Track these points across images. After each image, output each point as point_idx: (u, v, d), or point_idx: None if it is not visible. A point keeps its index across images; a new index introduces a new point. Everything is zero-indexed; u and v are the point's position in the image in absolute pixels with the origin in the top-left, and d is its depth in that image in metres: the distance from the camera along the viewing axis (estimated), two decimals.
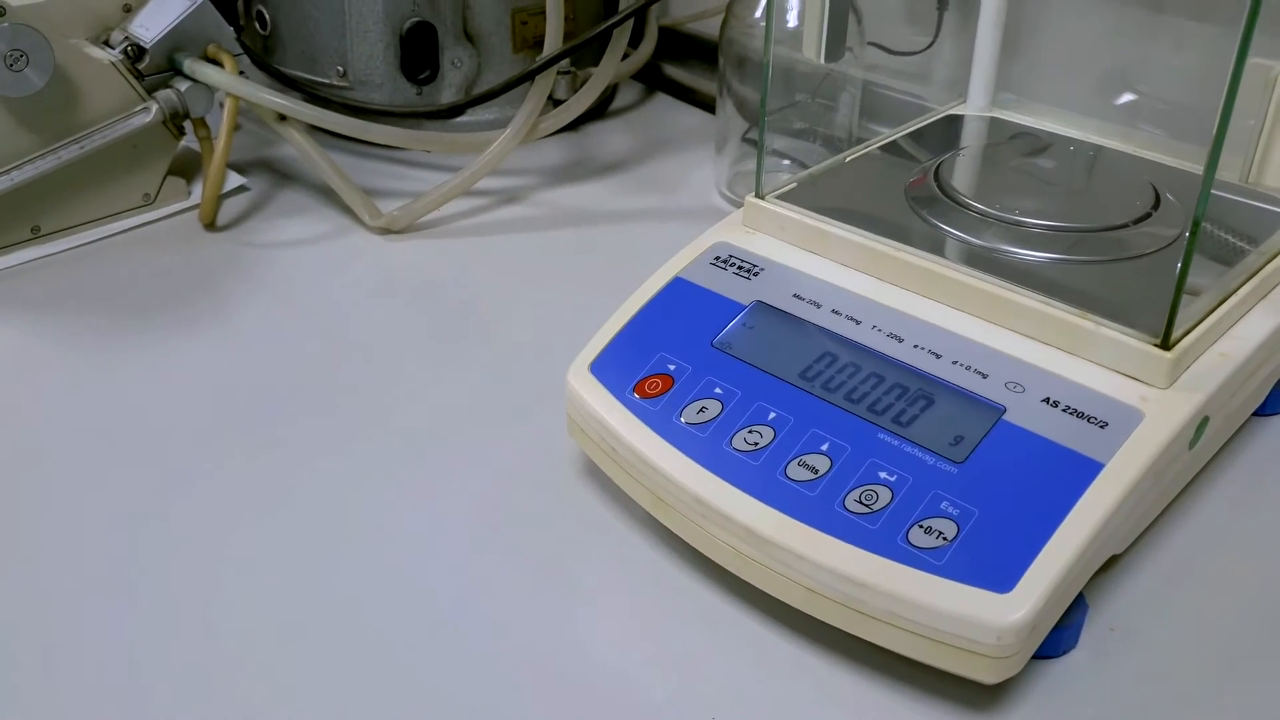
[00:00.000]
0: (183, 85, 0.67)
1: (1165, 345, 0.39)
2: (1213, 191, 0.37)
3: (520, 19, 0.77)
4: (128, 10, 0.68)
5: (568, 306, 0.60)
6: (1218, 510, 0.46)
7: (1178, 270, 0.38)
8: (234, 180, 0.72)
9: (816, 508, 0.38)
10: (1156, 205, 0.47)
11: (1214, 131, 0.36)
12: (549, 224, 0.69)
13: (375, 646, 0.40)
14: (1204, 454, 0.44)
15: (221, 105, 0.68)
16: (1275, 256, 0.45)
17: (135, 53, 0.66)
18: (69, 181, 0.65)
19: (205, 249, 0.66)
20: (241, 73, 0.68)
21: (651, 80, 0.90)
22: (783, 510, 0.39)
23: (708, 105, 0.84)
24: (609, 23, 0.70)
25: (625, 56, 0.79)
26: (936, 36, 0.70)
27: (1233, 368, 0.41)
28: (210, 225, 0.68)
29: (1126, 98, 0.65)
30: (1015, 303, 0.42)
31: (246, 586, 0.43)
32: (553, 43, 0.68)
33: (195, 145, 0.70)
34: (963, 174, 0.51)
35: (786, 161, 0.68)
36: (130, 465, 0.49)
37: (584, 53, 0.72)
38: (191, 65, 0.67)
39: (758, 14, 0.65)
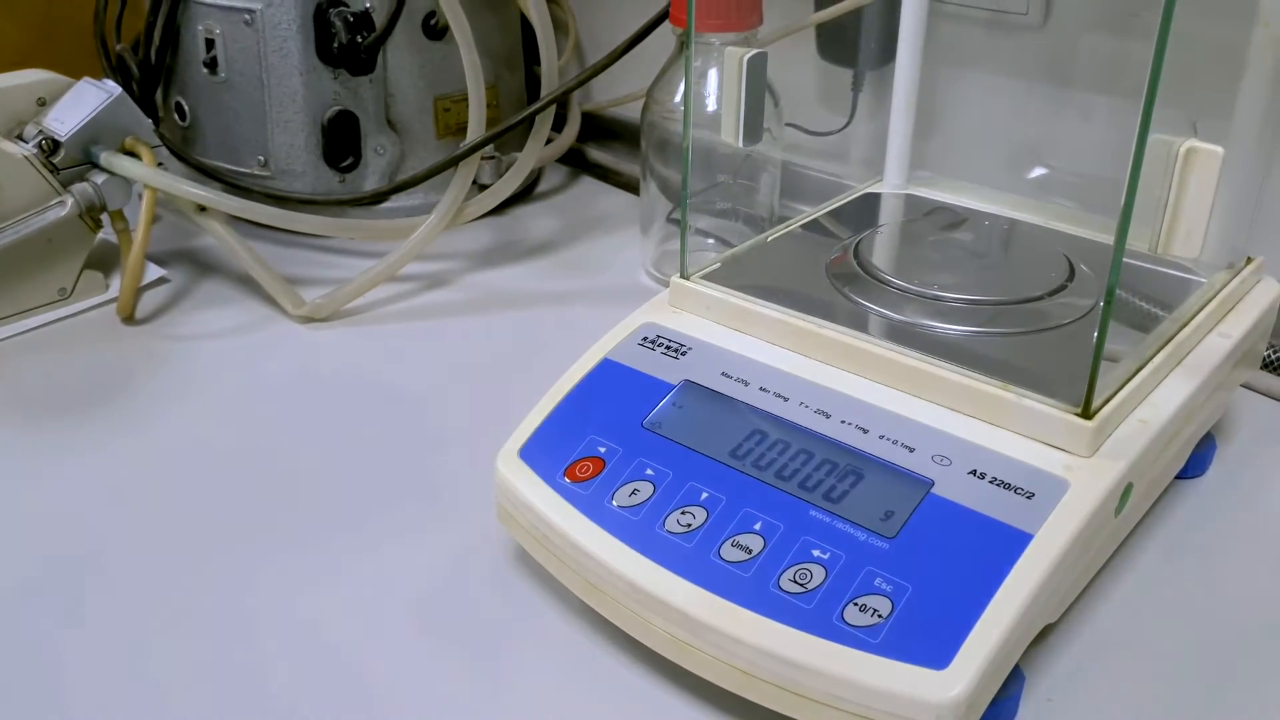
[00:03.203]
0: (99, 178, 0.66)
1: (1086, 414, 0.39)
2: (1125, 260, 0.38)
3: (443, 106, 0.77)
4: (42, 104, 0.67)
5: (496, 390, 0.59)
6: (1147, 574, 0.46)
7: (1095, 340, 0.39)
8: (154, 272, 0.71)
9: (751, 589, 0.38)
10: (1071, 276, 0.49)
11: (1122, 205, 0.37)
12: (476, 307, 0.69)
13: None
14: (1130, 520, 0.44)
15: (140, 197, 0.67)
16: (1188, 322, 0.46)
17: (50, 146, 0.65)
18: None
19: (124, 343, 0.65)
20: (160, 164, 0.67)
21: (576, 163, 0.91)
22: (717, 593, 0.38)
23: (632, 187, 0.85)
24: (531, 109, 0.70)
25: (549, 141, 0.80)
26: (852, 117, 0.71)
27: (1153, 434, 0.41)
28: (129, 319, 0.67)
29: (1038, 171, 0.67)
30: (938, 376, 0.42)
31: (173, 687, 0.41)
32: (476, 129, 0.69)
33: (113, 238, 0.69)
34: (882, 251, 0.52)
35: (711, 240, 0.69)
36: (46, 567, 0.47)
37: (508, 137, 0.73)
38: (108, 158, 0.66)
39: (677, 99, 0.66)
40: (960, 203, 0.58)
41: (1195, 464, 0.51)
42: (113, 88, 0.67)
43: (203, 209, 0.68)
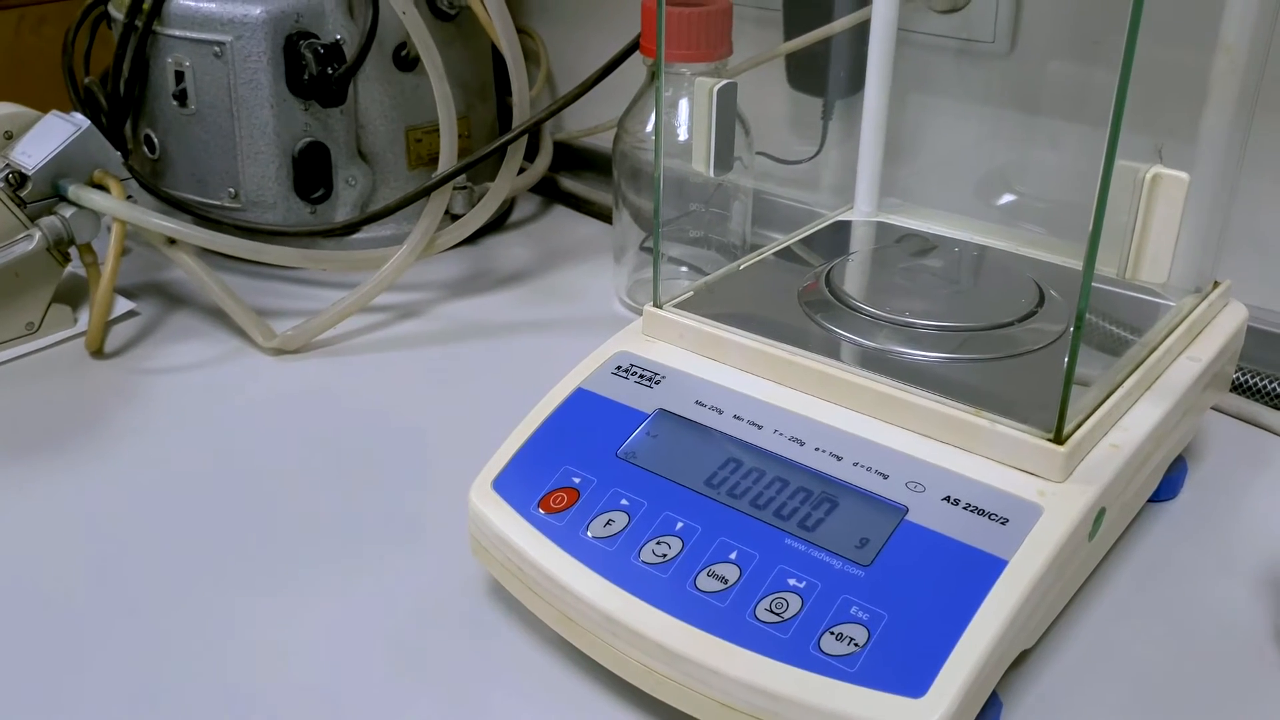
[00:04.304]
0: (67, 211, 0.66)
1: (1058, 439, 0.40)
2: (1094, 285, 0.38)
3: (414, 136, 0.77)
4: (9, 137, 0.67)
5: (469, 421, 0.59)
6: (1122, 597, 0.46)
7: (1065, 365, 0.39)
8: (123, 305, 0.71)
9: (727, 619, 0.38)
10: (1041, 302, 0.49)
11: (1090, 231, 0.37)
12: (449, 338, 0.69)
13: None
14: (1104, 544, 0.45)
15: (109, 230, 0.66)
16: (1158, 347, 0.46)
17: (17, 180, 0.65)
18: None
19: (92, 377, 0.64)
20: (129, 197, 0.67)
21: (549, 193, 0.91)
22: (693, 624, 0.38)
23: (605, 215, 0.85)
24: (503, 140, 0.71)
25: (521, 170, 0.80)
26: (822, 145, 0.72)
27: (1125, 458, 0.41)
28: (97, 353, 0.67)
29: (1007, 198, 0.67)
30: (911, 403, 0.42)
31: None
32: (447, 159, 0.68)
33: (82, 271, 0.68)
34: (853, 278, 0.52)
35: (684, 268, 0.69)
36: (14, 600, 0.46)
37: (480, 167, 0.73)
38: (76, 191, 0.65)
39: (648, 128, 0.66)
40: (930, 229, 0.59)
41: (1167, 487, 0.51)
42: (81, 120, 0.67)
43: (172, 241, 0.67)
